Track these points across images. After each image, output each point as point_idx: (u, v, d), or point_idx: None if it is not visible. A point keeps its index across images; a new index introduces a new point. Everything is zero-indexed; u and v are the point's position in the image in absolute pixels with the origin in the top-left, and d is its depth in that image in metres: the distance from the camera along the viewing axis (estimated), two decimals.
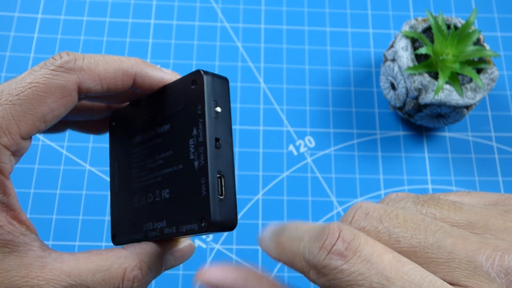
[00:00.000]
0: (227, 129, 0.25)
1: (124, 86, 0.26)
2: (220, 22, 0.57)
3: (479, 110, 0.55)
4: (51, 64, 0.24)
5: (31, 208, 0.48)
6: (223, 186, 0.24)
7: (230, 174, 0.24)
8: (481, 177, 0.52)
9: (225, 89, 0.26)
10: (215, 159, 0.24)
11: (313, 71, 0.56)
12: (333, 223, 0.19)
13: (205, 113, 0.24)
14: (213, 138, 0.24)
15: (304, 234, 0.20)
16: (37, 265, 0.23)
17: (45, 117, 0.24)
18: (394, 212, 0.19)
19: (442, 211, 0.19)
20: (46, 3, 0.57)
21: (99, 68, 0.25)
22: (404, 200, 0.21)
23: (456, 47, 0.48)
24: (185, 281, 0.46)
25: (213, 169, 0.24)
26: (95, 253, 0.25)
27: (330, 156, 0.52)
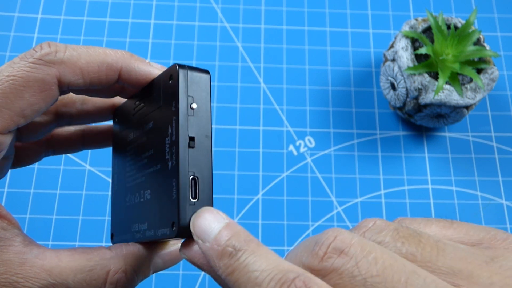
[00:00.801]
0: (204, 127, 0.23)
1: (109, 80, 0.25)
2: (220, 22, 0.57)
3: (479, 110, 0.55)
4: (31, 56, 0.23)
5: (31, 208, 0.48)
6: (197, 189, 0.22)
7: (206, 175, 0.23)
8: (481, 177, 0.52)
9: (204, 84, 0.24)
10: (188, 159, 0.22)
11: (313, 71, 0.56)
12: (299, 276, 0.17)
13: (178, 110, 0.23)
14: (186, 136, 0.23)
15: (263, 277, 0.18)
16: (17, 261, 0.22)
17: (23, 112, 0.23)
18: (372, 254, 0.17)
19: (423, 252, 0.18)
20: (46, 3, 0.57)
21: (81, 61, 0.24)
22: (383, 232, 0.19)
23: (456, 47, 0.48)
24: (185, 281, 0.46)
25: (185, 171, 0.22)
26: (80, 251, 0.24)
27: (330, 156, 0.52)
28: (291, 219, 0.49)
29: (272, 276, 0.18)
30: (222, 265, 0.20)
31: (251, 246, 0.19)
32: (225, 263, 0.20)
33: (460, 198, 0.51)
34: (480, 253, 0.18)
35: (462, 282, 0.17)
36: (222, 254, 0.20)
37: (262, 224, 0.48)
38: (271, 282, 0.17)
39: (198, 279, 0.46)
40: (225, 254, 0.20)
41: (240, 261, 0.19)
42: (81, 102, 0.29)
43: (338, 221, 0.49)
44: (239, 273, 0.19)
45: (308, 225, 0.49)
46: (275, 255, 0.19)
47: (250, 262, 0.19)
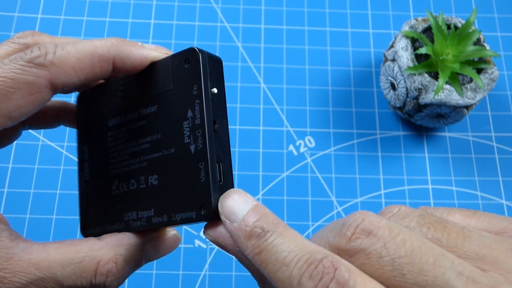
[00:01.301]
0: (223, 112, 0.23)
1: (104, 72, 0.24)
2: (220, 22, 0.57)
3: (479, 110, 0.55)
4: (21, 59, 0.23)
5: (31, 208, 0.48)
6: (222, 172, 0.23)
7: (227, 159, 0.23)
8: (481, 177, 0.52)
9: (219, 70, 0.24)
10: (214, 143, 0.22)
11: (313, 71, 0.56)
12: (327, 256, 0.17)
13: (202, 93, 0.22)
14: (211, 120, 0.22)
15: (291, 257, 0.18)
16: (3, 256, 0.22)
17: (11, 114, 0.22)
18: (400, 236, 0.17)
19: (449, 238, 0.18)
20: (46, 3, 0.57)
21: (72, 60, 0.23)
22: (408, 218, 0.19)
23: (456, 47, 0.48)
24: (185, 281, 0.46)
25: (213, 154, 0.22)
26: (67, 243, 0.23)
27: (330, 156, 0.52)
28: (291, 219, 0.49)
29: (300, 256, 0.18)
30: (250, 245, 0.20)
31: (279, 228, 0.20)
32: (253, 244, 0.20)
33: (460, 198, 0.51)
34: (504, 241, 0.18)
35: (487, 267, 0.17)
36: (250, 234, 0.20)
37: None
38: (299, 262, 0.18)
39: (198, 279, 0.46)
40: (254, 234, 0.20)
41: (268, 242, 0.19)
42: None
43: None
44: (266, 254, 0.19)
45: (308, 225, 0.49)
46: (302, 237, 0.19)
47: (278, 243, 0.19)
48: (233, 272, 0.46)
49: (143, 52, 0.25)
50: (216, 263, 0.47)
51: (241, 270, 0.46)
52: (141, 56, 0.25)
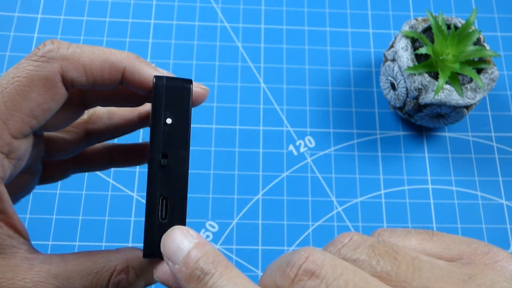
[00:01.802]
0: (180, 143, 0.22)
1: (112, 79, 0.24)
2: (220, 22, 0.57)
3: (479, 110, 0.55)
4: (34, 55, 0.23)
5: (31, 208, 0.48)
6: (167, 209, 0.22)
7: (178, 195, 0.22)
8: (481, 177, 0.52)
9: (184, 96, 0.22)
10: (158, 177, 0.21)
11: (313, 71, 0.56)
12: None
13: (151, 125, 0.22)
14: (158, 154, 0.21)
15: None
16: (24, 267, 0.22)
17: (33, 113, 0.22)
18: (343, 277, 0.17)
19: (398, 272, 0.17)
20: (46, 3, 0.57)
21: (84, 58, 0.23)
22: (359, 249, 0.19)
23: (456, 47, 0.48)
24: None
25: (153, 190, 0.21)
26: (85, 254, 0.24)
27: (330, 156, 0.52)
28: (291, 219, 0.49)
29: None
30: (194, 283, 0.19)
31: (219, 269, 0.19)
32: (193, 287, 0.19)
33: (460, 198, 0.51)
34: (458, 271, 0.18)
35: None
36: (190, 277, 0.19)
37: (262, 224, 0.48)
38: None
39: None
40: (193, 277, 0.19)
41: (208, 285, 0.19)
42: (108, 117, 0.29)
43: (338, 221, 0.49)
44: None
45: (308, 225, 0.49)
46: (245, 278, 0.19)
47: (218, 286, 0.18)
48: None
49: (152, 71, 0.24)
50: None
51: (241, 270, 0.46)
52: (149, 75, 0.24)
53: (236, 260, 0.47)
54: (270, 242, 0.48)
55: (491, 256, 0.18)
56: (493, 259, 0.18)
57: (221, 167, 0.50)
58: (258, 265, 0.47)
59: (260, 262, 0.47)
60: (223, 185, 0.50)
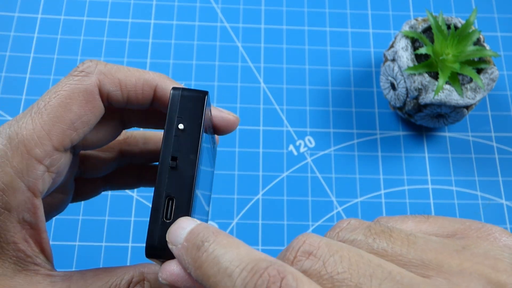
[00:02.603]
0: (191, 148, 0.23)
1: (145, 97, 0.25)
2: (220, 22, 0.57)
3: (479, 110, 0.55)
4: (74, 71, 0.24)
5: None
6: (172, 210, 0.22)
7: (184, 196, 0.22)
8: (481, 177, 0.52)
9: (198, 105, 0.23)
10: (166, 179, 0.22)
11: (313, 71, 0.56)
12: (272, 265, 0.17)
13: (165, 129, 0.23)
14: (168, 156, 0.22)
15: (233, 267, 0.17)
16: (46, 284, 0.23)
17: (74, 125, 0.23)
18: (339, 253, 0.17)
19: (394, 246, 0.18)
20: (46, 3, 0.57)
21: (120, 74, 0.25)
22: (356, 231, 0.20)
23: (456, 47, 0.48)
24: None
25: (159, 191, 0.22)
26: (103, 270, 0.24)
27: (330, 156, 0.52)
28: (291, 219, 0.49)
29: (243, 266, 0.17)
30: (191, 260, 0.19)
31: (219, 237, 0.19)
32: (193, 257, 0.19)
33: (460, 198, 0.51)
34: (451, 243, 0.18)
35: (432, 273, 0.17)
36: (191, 248, 0.19)
37: (262, 224, 0.48)
38: (243, 272, 0.17)
39: None
40: (194, 247, 0.19)
41: (209, 252, 0.18)
42: (143, 141, 0.30)
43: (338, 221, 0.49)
44: (207, 266, 0.18)
45: (308, 225, 0.49)
46: (246, 245, 0.19)
47: (219, 253, 0.18)
48: None
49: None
50: None
51: None
52: None
53: None
54: (270, 242, 0.48)
55: (484, 230, 0.19)
56: (486, 233, 0.19)
57: (221, 167, 0.50)
58: None
59: None
60: (223, 185, 0.50)
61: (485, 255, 0.17)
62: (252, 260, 0.17)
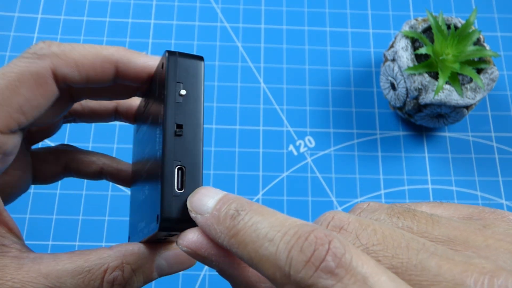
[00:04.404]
0: (194, 115, 0.22)
1: (106, 74, 0.24)
2: (220, 22, 0.57)
3: (479, 110, 0.55)
4: (26, 53, 0.23)
5: (31, 208, 0.48)
6: (183, 179, 0.21)
7: (194, 165, 0.21)
8: (481, 177, 0.52)
9: (197, 70, 0.22)
10: (173, 147, 0.21)
11: (313, 71, 0.56)
12: (317, 228, 0.16)
13: (166, 96, 0.21)
14: (173, 124, 0.21)
15: (274, 232, 0.17)
16: (14, 266, 0.22)
17: (22, 108, 0.22)
18: (371, 227, 0.17)
19: (419, 224, 0.18)
20: (46, 3, 0.57)
21: (75, 53, 0.23)
22: (377, 211, 0.19)
23: (456, 47, 0.48)
24: (185, 281, 0.46)
25: (170, 159, 0.21)
26: (78, 253, 0.23)
27: (330, 156, 0.52)
28: None
29: (285, 230, 0.17)
30: (224, 229, 0.18)
31: (254, 206, 0.19)
32: (227, 226, 0.18)
33: (460, 198, 0.51)
34: (472, 223, 0.18)
35: (459, 248, 0.17)
36: (224, 217, 0.19)
37: None
38: (285, 236, 0.16)
39: (198, 279, 0.46)
40: (227, 217, 0.19)
41: (245, 220, 0.18)
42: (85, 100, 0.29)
43: None
44: (245, 233, 0.18)
45: None
46: (283, 214, 0.18)
47: (257, 220, 0.18)
48: None
49: (147, 60, 0.24)
50: None
51: None
52: (144, 64, 0.24)
53: None
54: None
55: (499, 213, 0.19)
56: (500, 215, 0.19)
57: (221, 167, 0.50)
58: None
59: None
60: (223, 185, 0.50)
61: (505, 233, 0.18)
62: (294, 226, 0.17)
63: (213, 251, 0.20)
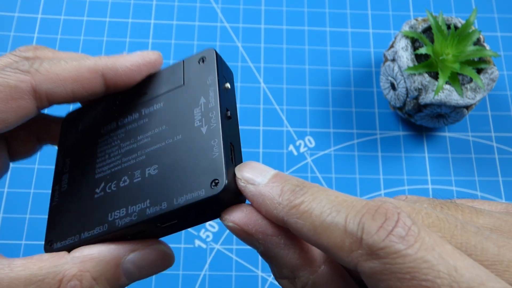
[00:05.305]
0: (234, 105, 0.24)
1: (93, 87, 0.23)
2: (220, 22, 0.57)
3: (479, 110, 0.55)
4: (8, 67, 0.22)
5: (31, 208, 0.48)
6: (234, 155, 0.22)
7: (238, 143, 0.23)
8: (481, 177, 0.52)
9: (231, 74, 0.25)
10: (226, 129, 0.22)
11: (313, 71, 0.56)
12: (385, 203, 0.17)
13: (217, 81, 0.23)
14: (224, 108, 0.23)
15: (341, 204, 0.17)
16: None
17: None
18: (423, 211, 0.18)
19: (463, 214, 0.18)
20: (46, 3, 0.57)
21: (57, 69, 0.22)
22: (419, 202, 0.20)
23: (456, 47, 0.48)
24: (185, 281, 0.46)
25: (227, 132, 0.22)
26: (35, 258, 0.21)
27: (330, 156, 0.52)
28: None
29: (351, 203, 0.17)
30: (284, 199, 0.19)
31: (315, 185, 0.19)
32: (287, 197, 0.18)
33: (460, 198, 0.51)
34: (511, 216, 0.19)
35: (507, 235, 0.17)
36: (284, 190, 0.19)
37: None
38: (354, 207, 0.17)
39: (198, 279, 0.46)
40: (287, 190, 0.19)
41: (309, 193, 0.18)
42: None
43: None
44: (309, 203, 0.18)
45: None
46: (344, 194, 0.19)
47: (321, 195, 0.18)
48: (233, 272, 0.46)
49: (131, 59, 0.24)
50: (216, 263, 0.47)
51: (241, 270, 0.46)
52: (130, 61, 0.24)
53: (236, 260, 0.47)
54: None
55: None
56: None
57: None
58: (258, 265, 0.47)
59: (260, 262, 0.47)
60: None
61: None
62: (359, 200, 0.17)
63: (261, 228, 0.20)
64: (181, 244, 0.47)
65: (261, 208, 0.20)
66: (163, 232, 0.23)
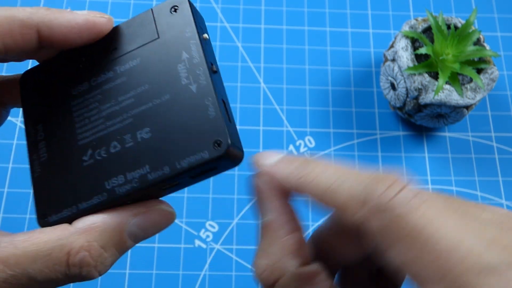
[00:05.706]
0: (214, 57, 0.23)
1: (27, 41, 0.21)
2: (220, 22, 0.57)
3: (479, 110, 0.55)
4: None
5: (31, 208, 0.48)
6: (228, 112, 0.21)
7: (227, 100, 0.22)
8: (481, 177, 0.52)
9: (203, 20, 0.24)
10: (215, 83, 0.21)
11: (313, 71, 0.56)
12: (391, 173, 0.19)
13: (197, 33, 0.22)
14: (209, 63, 0.22)
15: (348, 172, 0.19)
16: None
17: None
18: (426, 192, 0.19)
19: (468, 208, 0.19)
20: (46, 3, 0.57)
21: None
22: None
23: (456, 47, 0.48)
24: (185, 281, 0.46)
25: (219, 95, 0.21)
26: (37, 233, 0.20)
27: (330, 156, 0.52)
28: None
29: (358, 172, 0.19)
30: (294, 169, 0.21)
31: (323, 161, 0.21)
32: (296, 167, 0.21)
33: None
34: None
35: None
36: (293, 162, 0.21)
37: None
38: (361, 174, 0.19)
39: (198, 279, 0.46)
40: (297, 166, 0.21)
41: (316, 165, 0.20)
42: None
43: None
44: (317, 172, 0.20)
45: (308, 225, 0.49)
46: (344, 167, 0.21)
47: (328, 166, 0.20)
48: (233, 272, 0.46)
49: (72, 16, 0.21)
50: (216, 263, 0.47)
51: (241, 270, 0.46)
52: (70, 20, 0.21)
53: (236, 260, 0.47)
54: None
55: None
56: None
57: None
58: None
59: None
60: (223, 185, 0.50)
61: None
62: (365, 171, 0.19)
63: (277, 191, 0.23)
64: (181, 244, 0.47)
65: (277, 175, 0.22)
66: (164, 193, 0.23)
